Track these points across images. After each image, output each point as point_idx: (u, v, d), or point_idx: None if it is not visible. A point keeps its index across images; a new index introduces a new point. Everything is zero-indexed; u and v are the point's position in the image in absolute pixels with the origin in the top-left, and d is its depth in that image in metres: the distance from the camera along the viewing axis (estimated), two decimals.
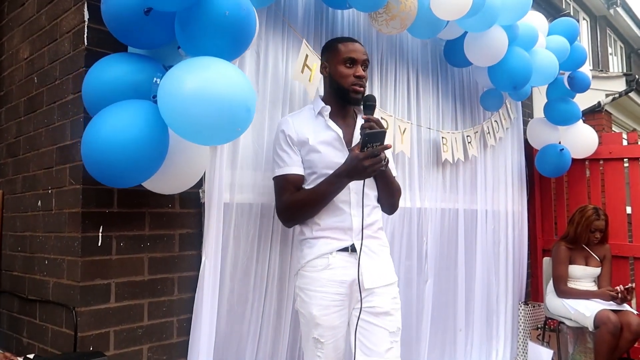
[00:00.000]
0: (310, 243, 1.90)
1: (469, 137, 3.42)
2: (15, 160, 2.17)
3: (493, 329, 3.64)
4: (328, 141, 1.92)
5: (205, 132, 1.52)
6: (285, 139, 1.92)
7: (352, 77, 1.91)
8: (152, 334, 1.88)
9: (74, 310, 1.71)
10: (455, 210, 3.35)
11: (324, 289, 1.85)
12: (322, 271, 1.86)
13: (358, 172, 1.76)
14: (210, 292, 1.95)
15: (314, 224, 1.90)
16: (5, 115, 2.28)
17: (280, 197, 1.92)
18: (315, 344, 1.84)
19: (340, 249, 1.87)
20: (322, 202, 1.86)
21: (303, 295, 1.89)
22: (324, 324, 1.83)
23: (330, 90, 1.99)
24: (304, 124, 1.94)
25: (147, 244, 1.89)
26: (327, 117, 1.94)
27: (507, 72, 2.98)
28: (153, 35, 1.66)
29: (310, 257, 1.88)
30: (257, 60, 2.23)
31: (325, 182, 1.84)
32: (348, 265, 1.86)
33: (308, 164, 1.91)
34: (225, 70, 1.50)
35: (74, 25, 1.86)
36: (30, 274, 2.02)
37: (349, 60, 1.93)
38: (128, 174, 1.57)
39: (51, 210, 1.90)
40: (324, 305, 1.84)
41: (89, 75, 1.67)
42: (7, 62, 2.30)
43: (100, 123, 1.54)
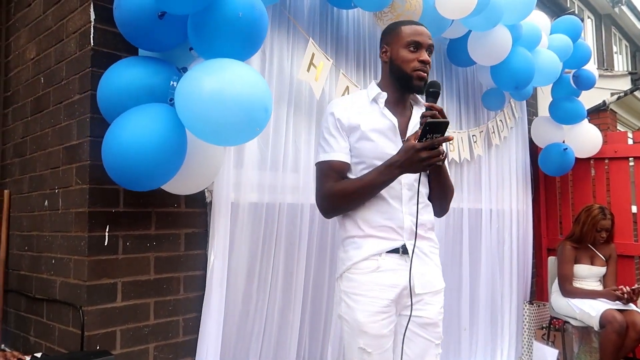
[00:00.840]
0: (357, 243, 1.72)
1: (474, 137, 3.42)
2: (22, 160, 2.19)
3: (498, 328, 3.64)
4: (381, 130, 1.74)
5: (225, 133, 1.53)
6: (334, 123, 1.74)
7: (416, 62, 1.74)
8: (158, 333, 1.89)
9: (81, 310, 1.72)
10: (460, 209, 3.35)
11: (372, 293, 1.67)
12: (370, 274, 1.68)
13: (413, 164, 1.58)
14: (218, 291, 1.96)
15: (362, 220, 1.72)
16: (12, 115, 2.30)
17: (322, 185, 1.74)
18: (360, 354, 1.65)
19: (390, 250, 1.69)
20: (369, 193, 1.69)
21: (348, 300, 1.69)
22: (371, 332, 1.64)
23: (390, 76, 1.80)
24: (357, 109, 1.76)
25: (153, 243, 1.90)
26: (382, 105, 1.76)
27: (510, 72, 2.98)
28: (166, 38, 1.68)
29: (357, 259, 1.70)
30: (262, 59, 2.24)
31: (374, 171, 1.67)
32: (398, 268, 1.69)
33: (356, 152, 1.73)
34: (243, 71, 1.52)
35: (80, 26, 1.86)
36: (37, 273, 2.03)
37: (413, 43, 1.75)
38: (149, 177, 1.59)
39: (58, 209, 1.91)
40: (371, 312, 1.65)
41: (104, 79, 1.69)
42: (13, 63, 2.32)
43: (120, 128, 1.56)
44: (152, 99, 1.64)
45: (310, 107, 2.41)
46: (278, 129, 2.28)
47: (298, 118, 2.36)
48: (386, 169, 1.64)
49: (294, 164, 2.33)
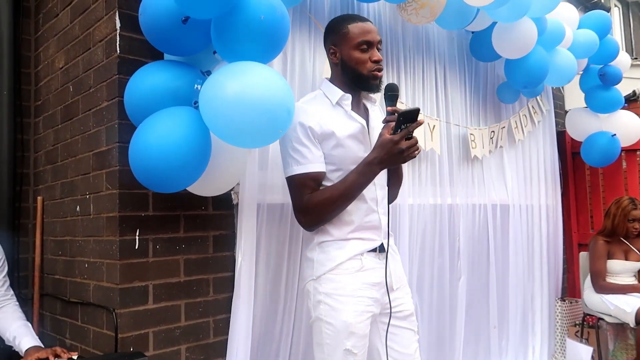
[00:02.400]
0: (340, 244, 1.71)
1: (492, 132, 3.36)
2: (54, 167, 2.24)
3: (528, 325, 3.58)
4: (353, 134, 1.73)
5: (248, 135, 1.54)
6: (305, 132, 1.68)
7: (370, 63, 1.72)
8: (189, 334, 1.92)
9: (114, 312, 1.76)
10: (487, 205, 3.30)
11: (359, 292, 1.67)
12: (355, 273, 1.69)
13: (393, 157, 1.58)
14: (247, 292, 1.98)
15: (345, 224, 1.72)
16: (43, 123, 2.36)
17: (300, 197, 1.70)
18: (346, 356, 1.63)
19: (369, 250, 1.73)
20: (353, 196, 1.68)
21: (332, 301, 1.66)
22: (359, 332, 1.64)
23: (343, 77, 1.77)
24: (324, 115, 1.72)
25: (182, 246, 1.92)
26: (348, 108, 1.75)
27: (523, 70, 2.93)
28: (190, 43, 1.69)
29: (341, 259, 1.68)
30: (284, 60, 2.25)
31: (354, 173, 1.66)
32: (377, 267, 1.73)
33: (332, 159, 1.71)
34: (265, 74, 1.52)
35: (107, 34, 1.90)
36: (71, 277, 2.08)
37: (365, 43, 1.72)
38: (175, 179, 1.61)
39: (89, 214, 1.96)
40: (358, 312, 1.65)
41: (130, 83, 1.72)
42: (43, 72, 2.38)
43: (146, 131, 1.59)
44: (177, 102, 1.66)
45: None
46: None
47: None
48: (365, 168, 1.63)
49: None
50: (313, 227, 1.74)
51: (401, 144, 1.56)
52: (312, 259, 1.74)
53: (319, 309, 1.68)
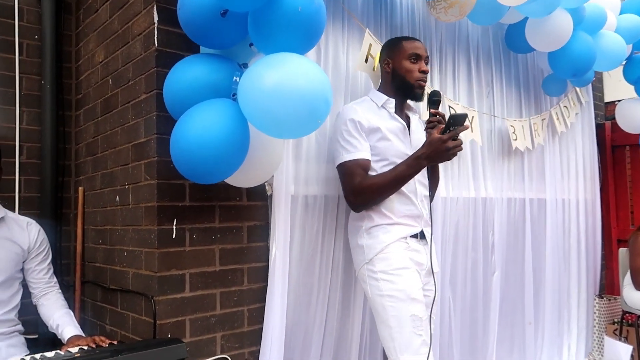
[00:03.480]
0: (386, 229, 1.95)
1: (535, 125, 3.29)
2: (94, 158, 2.31)
3: (565, 323, 3.50)
4: (394, 131, 2.01)
5: (287, 126, 1.55)
6: (355, 126, 1.96)
7: (417, 73, 2.01)
8: (224, 322, 1.95)
9: (153, 299, 1.81)
10: (522, 199, 3.23)
11: (411, 264, 1.91)
12: (404, 251, 1.93)
13: (439, 155, 1.82)
14: (281, 283, 2.00)
15: (389, 211, 1.96)
16: (84, 116, 2.43)
17: (351, 181, 1.94)
18: (413, 321, 1.82)
19: (412, 235, 1.97)
20: (399, 184, 1.92)
21: (390, 276, 1.89)
22: (419, 299, 1.85)
23: (393, 85, 2.07)
24: (371, 113, 2.01)
25: (217, 235, 1.96)
26: (392, 110, 2.04)
27: (569, 59, 2.84)
28: (228, 36, 1.71)
29: (390, 241, 1.93)
30: (318, 52, 2.25)
31: (402, 165, 1.91)
32: (420, 249, 1.99)
33: (377, 151, 1.97)
34: (303, 64, 1.53)
35: (145, 28, 1.94)
36: (110, 265, 2.14)
37: (414, 55, 2.02)
38: (215, 171, 1.64)
39: (128, 204, 2.01)
40: (416, 279, 1.89)
41: (170, 77, 1.75)
42: (84, 66, 2.45)
43: (188, 124, 1.62)
44: (215, 94, 1.68)
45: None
46: None
47: None
48: (414, 161, 1.88)
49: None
50: (361, 208, 1.99)
51: (448, 143, 1.79)
52: (362, 245, 1.97)
53: (377, 287, 1.89)
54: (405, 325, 1.81)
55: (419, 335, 1.80)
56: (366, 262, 1.96)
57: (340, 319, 2.27)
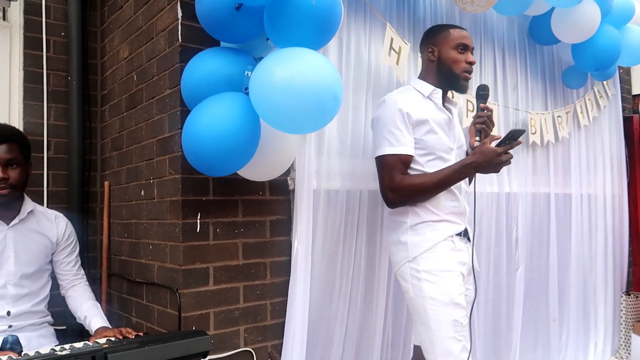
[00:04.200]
0: (433, 226, 1.87)
1: (559, 118, 3.23)
2: (120, 153, 2.34)
3: (591, 320, 3.43)
4: (441, 124, 1.93)
5: (295, 121, 1.55)
6: (402, 117, 1.86)
7: (464, 64, 1.93)
8: (247, 315, 1.97)
9: (178, 292, 1.83)
10: (547, 194, 3.18)
11: (456, 267, 1.83)
12: (450, 252, 1.85)
13: (490, 166, 1.80)
14: (303, 277, 2.00)
15: (436, 207, 1.88)
16: (109, 111, 2.47)
17: (391, 177, 1.86)
18: (455, 327, 1.75)
19: (457, 233, 1.91)
20: (442, 189, 1.86)
21: (433, 277, 1.80)
22: (462, 304, 1.78)
23: (437, 74, 1.97)
24: (419, 104, 1.92)
25: (240, 230, 1.97)
26: (439, 101, 1.94)
27: (593, 52, 2.78)
28: (244, 30, 1.72)
29: (437, 239, 1.85)
30: (339, 46, 2.24)
31: (450, 169, 1.85)
32: (463, 248, 1.91)
33: (423, 144, 1.89)
34: (313, 60, 1.53)
35: (169, 24, 1.96)
36: (136, 258, 2.18)
37: (462, 45, 1.94)
38: (224, 163, 1.65)
39: (153, 198, 2.04)
40: (459, 283, 1.81)
41: (186, 70, 1.77)
42: (109, 63, 2.48)
43: (198, 116, 1.63)
44: (229, 88, 1.69)
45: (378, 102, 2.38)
46: (357, 116, 2.28)
47: None
48: (463, 168, 1.83)
49: (374, 150, 2.32)
50: (397, 206, 1.91)
51: (502, 157, 1.78)
52: (405, 242, 1.88)
53: (420, 287, 1.81)
54: (446, 330, 1.74)
55: (460, 341, 1.74)
56: (409, 260, 1.86)
57: (363, 313, 2.27)
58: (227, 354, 1.90)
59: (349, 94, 2.25)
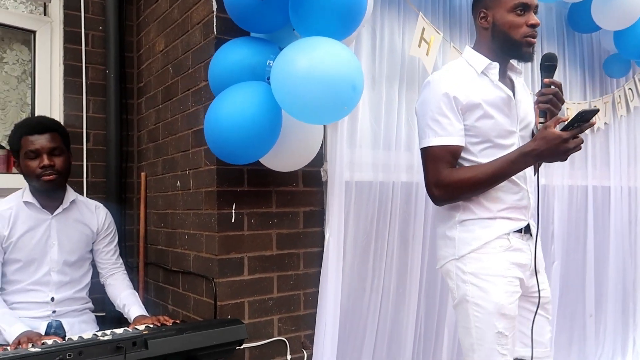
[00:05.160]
0: (486, 223, 1.62)
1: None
2: (156, 145, 2.39)
3: (629, 316, 3.34)
4: (498, 104, 1.64)
5: (314, 110, 1.53)
6: (449, 103, 1.60)
7: (525, 27, 1.61)
8: (281, 305, 1.99)
9: (213, 281, 1.86)
10: (585, 187, 3.10)
11: (508, 272, 1.58)
12: (503, 253, 1.60)
13: (555, 154, 1.51)
14: (335, 268, 2.01)
15: (491, 201, 1.63)
16: (145, 104, 2.51)
17: (436, 171, 1.62)
18: (498, 338, 1.56)
19: (516, 230, 1.64)
20: (497, 183, 1.61)
21: (480, 282, 1.58)
22: (510, 314, 1.56)
23: (493, 43, 1.67)
24: (470, 84, 1.63)
25: (274, 220, 1.99)
26: (495, 78, 1.65)
27: (636, 38, 2.67)
28: (270, 19, 1.71)
29: (488, 238, 1.60)
30: (373, 37, 2.22)
31: (504, 160, 1.58)
32: (523, 247, 1.64)
33: (476, 131, 1.62)
34: (332, 49, 1.50)
35: (204, 16, 1.98)
36: (172, 247, 2.22)
37: (521, 6, 1.61)
38: (243, 151, 1.65)
39: (189, 189, 2.07)
40: (510, 292, 1.57)
41: (213, 60, 1.78)
42: (145, 56, 2.53)
43: (220, 105, 1.65)
44: (253, 77, 1.69)
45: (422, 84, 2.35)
46: (390, 107, 2.26)
47: (411, 95, 2.32)
48: (521, 158, 1.55)
49: (407, 142, 2.31)
50: (443, 203, 1.68)
51: (569, 143, 1.48)
52: (452, 237, 1.66)
53: (465, 290, 1.61)
54: (488, 341, 1.57)
55: (503, 355, 1.56)
56: (455, 258, 1.65)
57: (395, 305, 2.26)
58: (261, 343, 1.93)
59: (382, 85, 2.23)
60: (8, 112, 2.41)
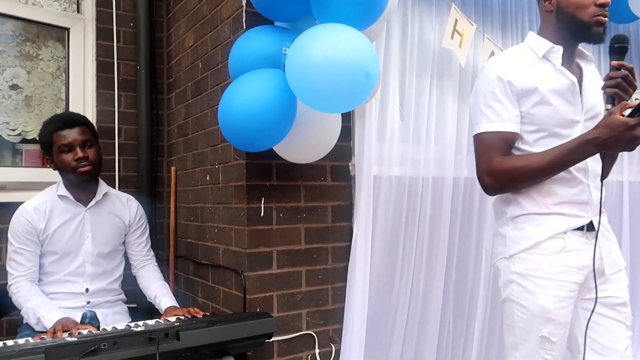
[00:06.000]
0: (538, 220, 1.52)
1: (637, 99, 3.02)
2: (186, 139, 2.42)
3: None
4: (560, 91, 1.52)
5: (327, 98, 1.50)
6: (503, 87, 1.52)
7: (593, 7, 1.50)
8: (309, 299, 1.99)
9: (243, 275, 1.88)
10: (620, 182, 3.00)
11: (560, 276, 1.48)
12: (556, 254, 1.49)
13: (620, 143, 1.38)
14: (362, 263, 2.00)
15: (543, 196, 1.52)
16: (175, 99, 2.54)
17: (488, 159, 1.53)
18: (542, 343, 1.49)
19: (575, 228, 1.51)
20: (554, 173, 1.49)
21: (527, 283, 1.50)
22: (558, 320, 1.47)
23: (558, 26, 1.56)
24: (527, 69, 1.54)
25: (303, 215, 1.99)
26: (558, 62, 1.53)
27: None
28: (292, 8, 1.69)
29: (540, 238, 1.51)
30: (404, 29, 2.20)
31: (562, 149, 1.46)
32: (584, 247, 1.51)
33: (532, 118, 1.52)
34: (346, 35, 1.47)
35: (233, 12, 1.98)
36: (202, 241, 2.25)
37: None
38: (256, 138, 1.64)
39: (218, 183, 2.09)
40: (559, 297, 1.48)
41: (233, 48, 1.77)
42: (175, 51, 2.55)
43: (234, 91, 1.64)
44: (271, 66, 1.68)
45: (454, 77, 2.31)
46: (420, 100, 2.23)
47: (442, 89, 2.29)
48: (581, 146, 1.43)
49: (437, 136, 2.27)
50: (495, 193, 1.61)
51: (636, 130, 1.36)
52: (504, 235, 1.59)
53: (510, 289, 1.54)
54: (531, 343, 1.50)
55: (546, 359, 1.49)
56: (505, 257, 1.57)
57: (424, 302, 2.24)
58: (290, 337, 1.93)
59: (412, 77, 2.20)
60: (43, 107, 2.47)
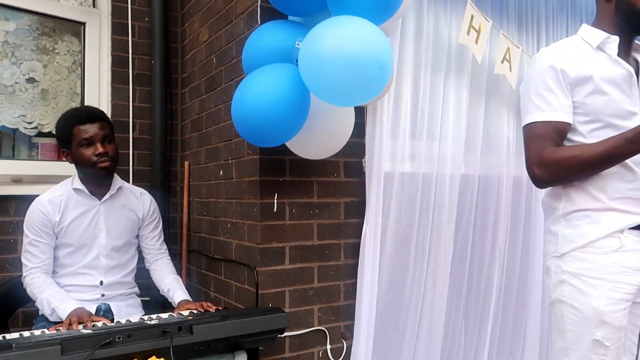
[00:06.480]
0: (593, 217, 1.45)
1: None
2: (199, 134, 2.43)
3: None
4: (616, 81, 1.46)
5: (340, 90, 1.49)
6: (555, 76, 1.46)
7: None
8: (321, 295, 1.99)
9: (255, 270, 1.88)
10: None
11: (615, 277, 1.41)
12: (612, 254, 1.42)
13: None
14: (371, 259, 2.00)
15: (599, 191, 1.45)
16: (189, 94, 2.55)
17: (539, 149, 1.47)
18: (595, 347, 1.41)
19: (634, 227, 1.43)
20: (609, 165, 1.42)
21: (580, 283, 1.43)
22: (613, 323, 1.39)
23: (617, 18, 1.51)
24: (582, 58, 1.48)
25: (315, 211, 1.99)
26: (614, 52, 1.48)
27: None
28: (307, 2, 1.69)
29: (595, 236, 1.43)
30: (419, 24, 2.18)
31: (620, 139, 1.38)
32: None
33: (585, 108, 1.46)
34: (360, 27, 1.45)
35: (248, 7, 1.98)
36: (214, 235, 2.26)
37: None
38: (269, 133, 1.63)
39: (232, 178, 2.09)
40: (614, 299, 1.40)
41: (247, 43, 1.77)
42: (189, 46, 2.56)
43: (247, 86, 1.64)
44: (284, 60, 1.67)
45: (469, 74, 2.29)
46: (435, 97, 2.22)
47: (456, 86, 2.27)
48: (638, 137, 1.35)
49: (451, 134, 2.26)
50: (546, 185, 1.54)
51: None
52: (556, 233, 1.52)
53: (561, 290, 1.47)
54: (583, 347, 1.43)
55: None
56: (556, 256, 1.50)
57: (436, 299, 2.23)
58: (302, 332, 1.94)
59: (427, 73, 2.19)
60: (59, 101, 2.50)
